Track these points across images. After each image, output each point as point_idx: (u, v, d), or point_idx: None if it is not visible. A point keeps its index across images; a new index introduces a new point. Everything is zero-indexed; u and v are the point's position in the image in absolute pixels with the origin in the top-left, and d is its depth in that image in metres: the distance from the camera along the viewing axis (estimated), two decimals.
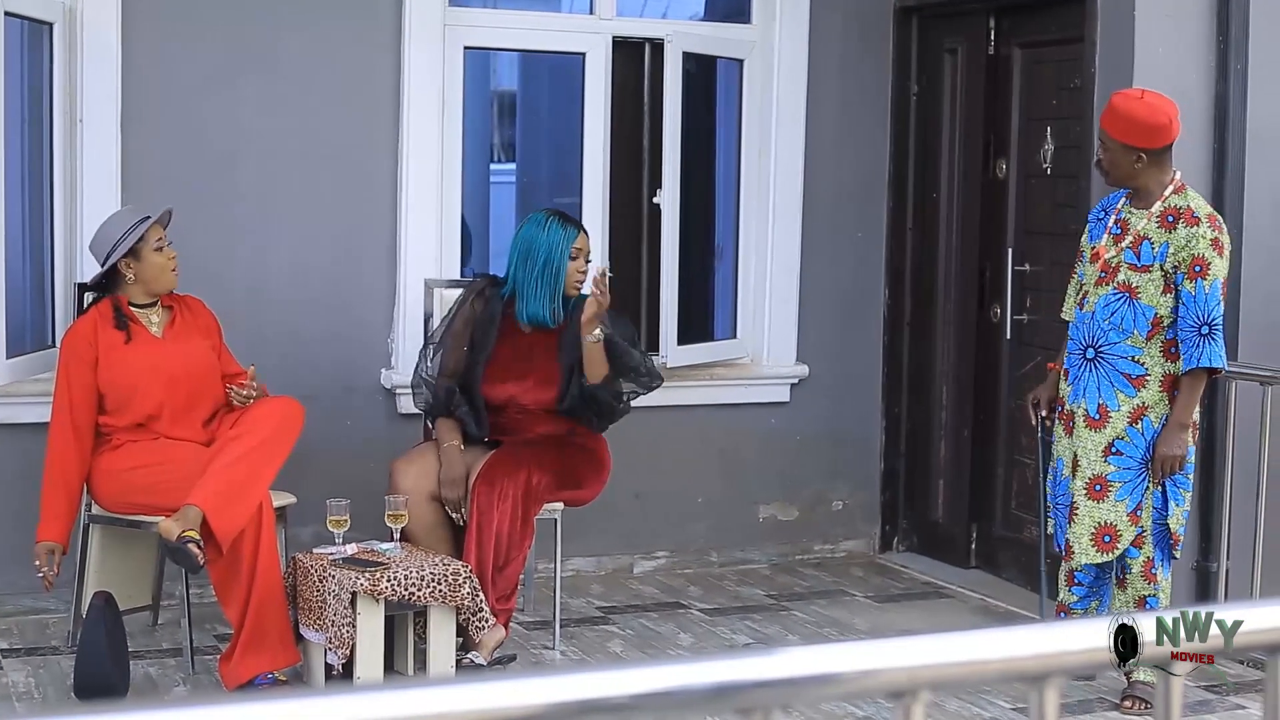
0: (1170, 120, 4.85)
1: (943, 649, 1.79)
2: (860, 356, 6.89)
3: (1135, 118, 4.83)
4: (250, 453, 4.92)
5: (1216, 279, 4.78)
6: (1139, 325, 4.86)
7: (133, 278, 5.15)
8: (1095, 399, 4.92)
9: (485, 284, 5.50)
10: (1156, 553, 4.93)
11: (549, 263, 5.33)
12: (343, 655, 4.83)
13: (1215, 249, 4.79)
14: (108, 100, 5.70)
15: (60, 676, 5.11)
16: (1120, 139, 4.84)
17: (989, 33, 6.51)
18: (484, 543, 5.15)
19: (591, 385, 5.31)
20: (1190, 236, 4.80)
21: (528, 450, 5.33)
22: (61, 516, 5.04)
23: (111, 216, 5.26)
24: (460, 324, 5.43)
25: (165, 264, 5.17)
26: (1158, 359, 4.87)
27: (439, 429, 5.40)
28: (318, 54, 6.02)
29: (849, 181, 6.81)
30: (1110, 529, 4.91)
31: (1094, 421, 4.92)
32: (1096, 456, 4.91)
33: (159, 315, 5.24)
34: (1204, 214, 4.84)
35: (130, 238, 5.11)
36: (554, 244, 5.34)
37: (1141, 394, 4.88)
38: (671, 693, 1.66)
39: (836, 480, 6.91)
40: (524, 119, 9.63)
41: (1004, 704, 4.96)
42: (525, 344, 5.42)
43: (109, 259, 5.11)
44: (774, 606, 6.17)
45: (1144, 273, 4.86)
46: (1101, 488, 4.90)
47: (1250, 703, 4.94)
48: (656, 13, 7.24)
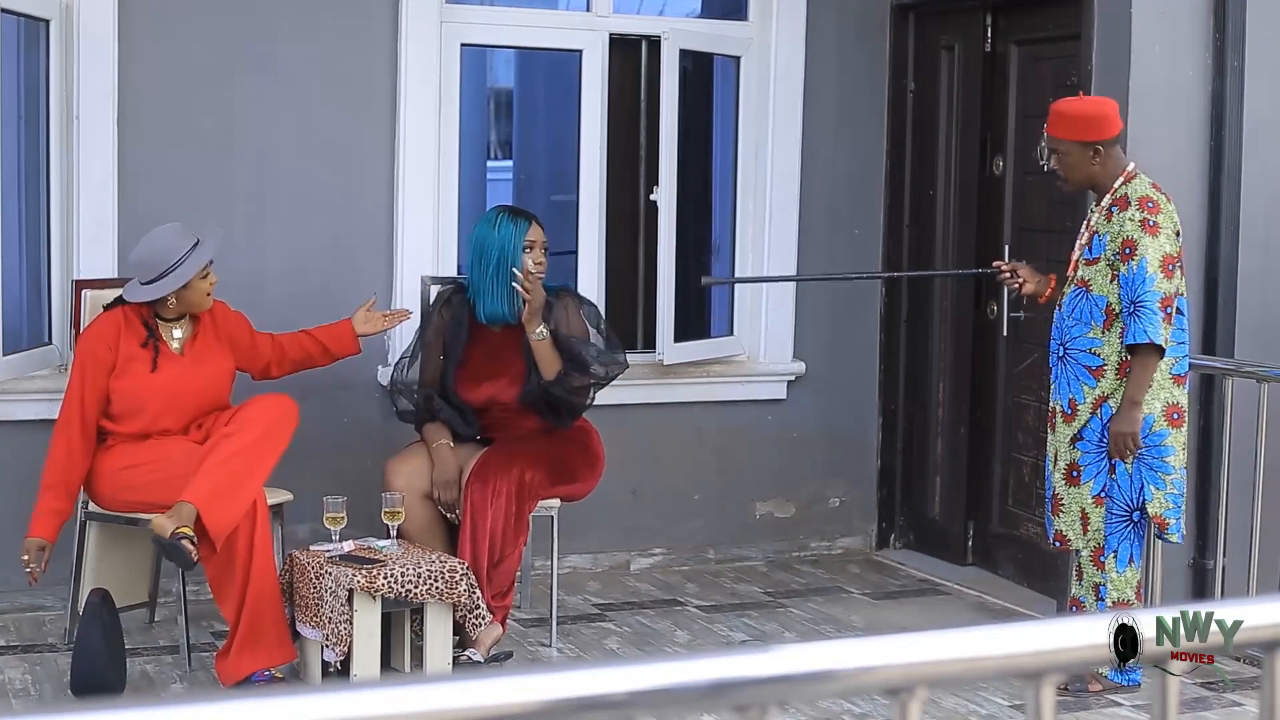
0: (1114, 109, 4.97)
1: (939, 646, 1.79)
2: (857, 353, 6.89)
3: (1084, 113, 4.95)
4: (244, 450, 4.92)
5: (1144, 258, 4.80)
6: (1095, 316, 4.96)
7: (174, 302, 5.08)
8: (1066, 394, 5.04)
9: (450, 291, 5.54)
10: (1109, 541, 4.97)
11: (503, 260, 5.35)
12: (340, 652, 4.84)
13: (1144, 229, 4.82)
14: (104, 97, 5.69)
15: (57, 674, 5.11)
16: (1074, 137, 4.92)
17: (986, 30, 6.51)
18: (478, 540, 5.16)
19: (545, 382, 5.32)
20: (1121, 221, 4.88)
21: (520, 446, 5.34)
22: (56, 514, 5.03)
23: (161, 233, 5.09)
24: (432, 334, 5.48)
25: (207, 289, 5.13)
26: (1115, 347, 4.94)
27: (426, 432, 5.42)
28: (314, 51, 6.01)
29: (845, 179, 6.81)
30: (1084, 514, 5.03)
31: (1066, 416, 5.04)
32: (1066, 447, 5.04)
33: (182, 329, 5.18)
34: (1136, 198, 4.88)
35: (189, 269, 5.00)
36: (505, 240, 5.36)
37: (1101, 384, 4.97)
38: (668, 690, 1.66)
39: (833, 477, 6.91)
40: (520, 116, 9.62)
41: (1001, 700, 4.96)
42: (497, 343, 5.44)
43: (157, 283, 4.99)
44: (771, 604, 6.17)
45: (1093, 265, 4.96)
46: (1076, 474, 5.03)
47: (1247, 700, 4.94)
48: (653, 10, 7.24)
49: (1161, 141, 5.50)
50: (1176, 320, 4.94)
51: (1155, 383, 4.90)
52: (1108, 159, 4.93)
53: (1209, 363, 5.50)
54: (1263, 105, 5.63)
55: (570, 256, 6.50)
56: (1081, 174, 4.97)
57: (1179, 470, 4.97)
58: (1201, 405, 5.61)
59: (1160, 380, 4.91)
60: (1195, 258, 5.50)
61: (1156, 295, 4.79)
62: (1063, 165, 4.98)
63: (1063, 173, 5.00)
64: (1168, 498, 4.95)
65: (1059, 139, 4.96)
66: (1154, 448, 4.92)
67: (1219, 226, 5.57)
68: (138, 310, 5.11)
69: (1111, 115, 4.95)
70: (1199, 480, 5.58)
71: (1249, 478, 5.32)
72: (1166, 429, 4.92)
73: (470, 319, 5.45)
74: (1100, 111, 4.95)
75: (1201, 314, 5.57)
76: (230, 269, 5.88)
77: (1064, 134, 4.94)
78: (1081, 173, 4.96)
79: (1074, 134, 4.92)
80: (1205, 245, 5.58)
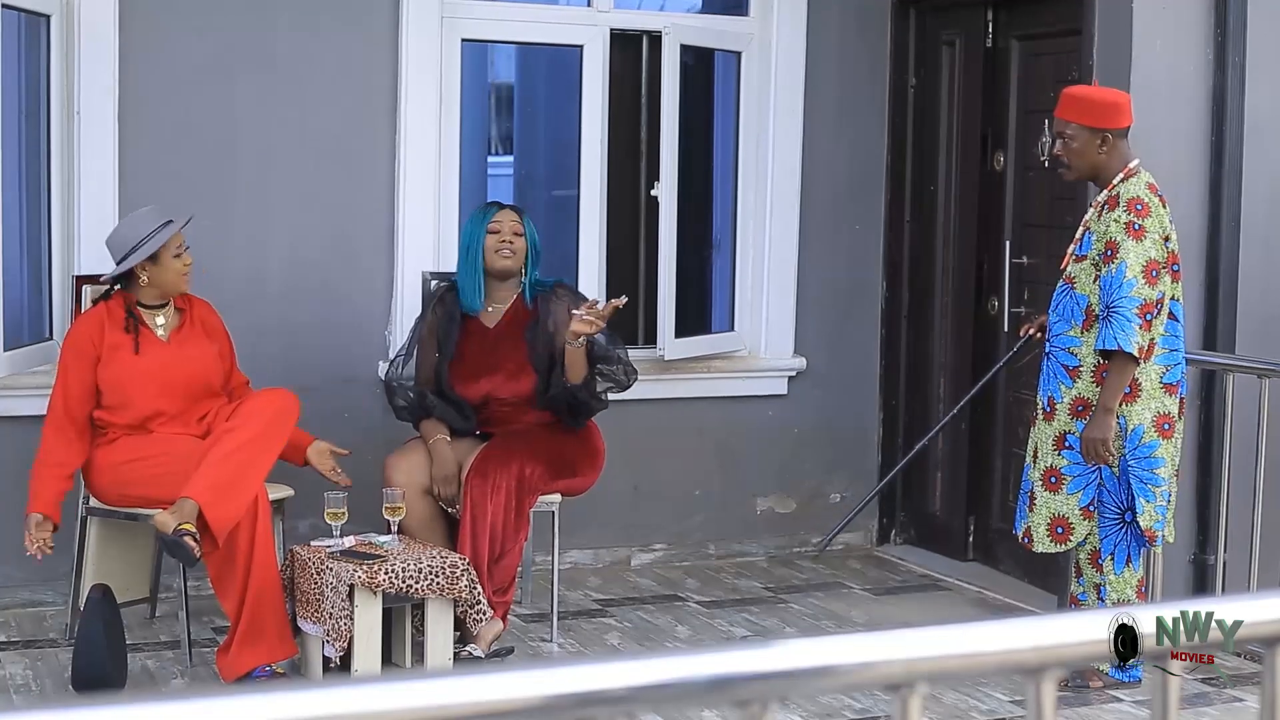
0: (1128, 101, 4.92)
1: (940, 641, 1.79)
2: (858, 349, 6.89)
3: (1097, 98, 4.91)
4: (245, 445, 4.92)
5: (1124, 262, 4.72)
6: (1075, 315, 4.91)
7: (146, 280, 5.13)
8: (1045, 391, 5.01)
9: (444, 289, 5.58)
10: (1105, 543, 4.96)
11: (468, 249, 5.45)
12: (340, 648, 4.84)
13: (1128, 232, 4.75)
14: (105, 93, 5.69)
15: (58, 669, 5.11)
16: (1084, 122, 4.86)
17: (987, 25, 6.51)
18: (479, 535, 5.16)
19: (572, 385, 5.33)
20: (1108, 222, 4.81)
21: (519, 441, 5.35)
22: (51, 494, 5.01)
23: (133, 215, 5.22)
24: (426, 333, 5.51)
25: (181, 269, 5.16)
26: (1092, 348, 4.87)
27: (423, 429, 5.43)
28: (315, 46, 6.01)
29: (846, 174, 6.81)
30: (1063, 521, 4.99)
31: (1046, 413, 5.01)
32: (1049, 448, 4.99)
33: (166, 317, 5.22)
34: (1126, 199, 4.81)
35: (154, 242, 5.07)
36: (472, 231, 5.48)
37: (1078, 385, 4.92)
38: (669, 685, 1.66)
39: (834, 473, 6.91)
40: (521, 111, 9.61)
41: (1001, 696, 4.97)
42: (491, 339, 5.46)
43: (127, 259, 5.08)
44: (771, 599, 6.17)
45: (1080, 262, 4.91)
46: (1056, 480, 4.98)
47: (1248, 695, 4.94)
48: (654, 5, 7.24)
49: (1162, 137, 5.49)
50: (1169, 326, 4.88)
51: (1145, 392, 4.84)
52: (1114, 150, 4.88)
53: (1209, 358, 5.50)
54: (1263, 100, 5.63)
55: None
56: (1086, 161, 4.90)
57: (1168, 481, 4.91)
58: (1202, 401, 5.61)
59: (1150, 390, 4.85)
60: (1195, 253, 5.50)
61: (1134, 301, 4.70)
62: (1068, 151, 4.91)
63: (1067, 159, 4.93)
64: (1157, 509, 4.90)
65: (1068, 122, 4.89)
66: (1144, 459, 4.86)
67: (1220, 222, 5.57)
68: (121, 302, 5.14)
69: (1124, 106, 4.90)
70: (1199, 476, 5.58)
71: (1249, 473, 5.31)
72: (1156, 440, 4.86)
73: (462, 315, 5.46)
74: (1114, 100, 4.91)
75: (1202, 309, 5.56)
76: (231, 265, 5.90)
77: (1074, 117, 4.88)
78: (1086, 160, 4.90)
79: (1084, 118, 4.86)
80: (1206, 241, 5.57)
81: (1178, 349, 4.92)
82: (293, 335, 5.98)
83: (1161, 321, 4.86)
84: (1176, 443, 4.94)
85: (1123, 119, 4.89)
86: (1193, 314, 5.40)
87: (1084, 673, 5.01)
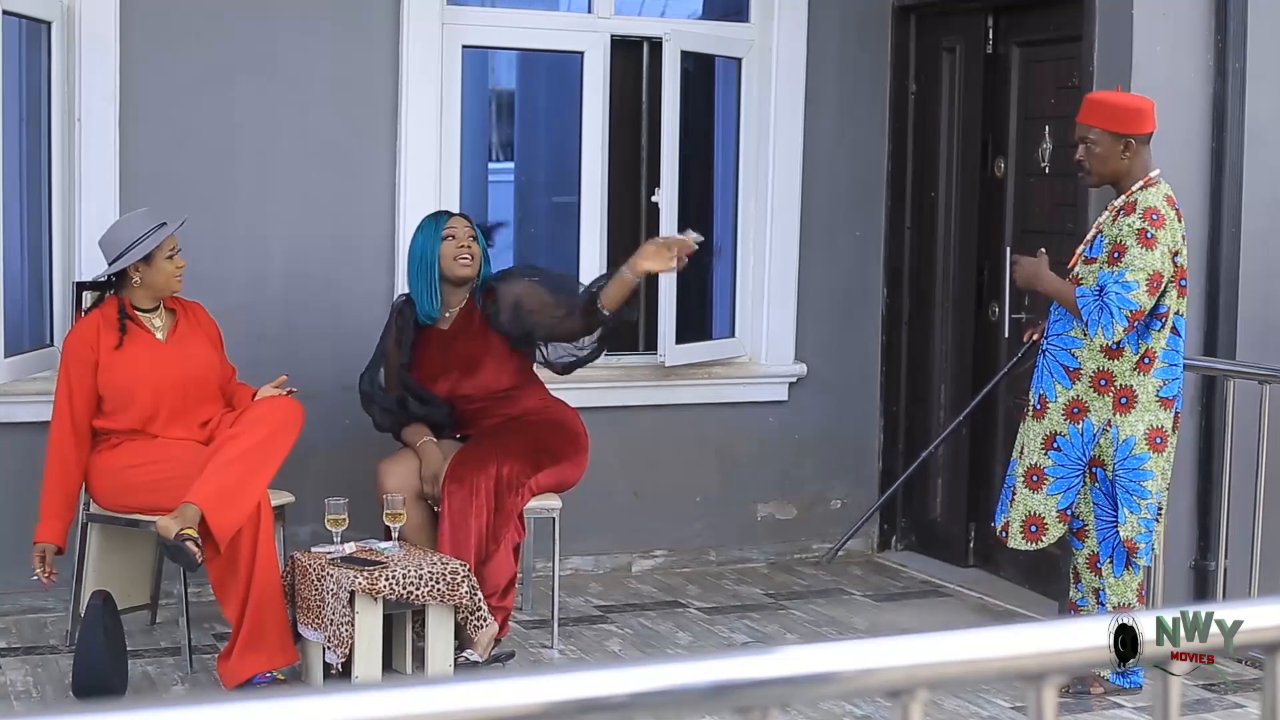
0: (1151, 108, 4.90)
1: (941, 648, 1.79)
2: (858, 355, 6.89)
3: (1121, 103, 4.88)
4: (249, 452, 4.92)
5: (1127, 266, 4.72)
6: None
7: (139, 281, 5.15)
8: (1038, 388, 5.00)
9: (402, 302, 5.60)
10: (1103, 547, 4.96)
11: (423, 258, 5.46)
12: (341, 654, 4.83)
13: (1140, 239, 4.73)
14: (106, 99, 5.70)
15: (59, 675, 5.11)
16: (1108, 127, 4.83)
17: (987, 32, 6.51)
18: (459, 541, 5.15)
19: (607, 312, 5.25)
20: (1121, 226, 4.80)
21: (493, 441, 5.34)
22: (59, 517, 5.07)
23: (127, 217, 5.24)
24: (391, 343, 5.54)
25: (174, 271, 5.17)
26: (1095, 353, 4.86)
27: (406, 434, 5.44)
28: (315, 53, 6.02)
29: (847, 180, 6.81)
30: (1037, 520, 4.98)
31: (1036, 411, 5.00)
32: (1036, 447, 4.98)
33: (162, 319, 5.24)
34: (1143, 207, 4.79)
35: (147, 243, 5.09)
36: (425, 239, 5.48)
37: (1076, 387, 4.90)
38: (670, 691, 1.66)
39: (835, 479, 6.91)
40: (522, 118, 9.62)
41: (1002, 702, 4.96)
42: (446, 340, 5.49)
43: (119, 260, 5.09)
44: (772, 605, 6.17)
45: (1090, 264, 4.90)
46: (1038, 479, 4.97)
47: (1249, 701, 4.94)
48: (654, 11, 7.24)
49: (1163, 143, 5.47)
50: (1171, 340, 4.86)
51: (1141, 404, 4.83)
52: (1136, 156, 4.84)
53: (1210, 364, 5.50)
54: (1264, 107, 5.63)
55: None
56: (1108, 167, 4.86)
57: (1155, 495, 4.89)
58: (1203, 407, 5.61)
59: (1146, 402, 4.83)
60: (1197, 259, 5.50)
61: (1130, 304, 4.70)
62: (1090, 156, 4.88)
63: (1089, 164, 4.89)
64: (1140, 522, 4.87)
65: (1091, 126, 4.85)
66: (1132, 470, 4.84)
67: (1220, 228, 5.57)
68: (115, 305, 5.15)
69: (1148, 112, 4.88)
70: (1200, 482, 5.58)
71: (1250, 479, 5.32)
72: (1147, 453, 4.84)
73: (415, 322, 5.49)
74: (1138, 105, 4.88)
75: (1203, 315, 5.56)
76: (232, 270, 5.90)
77: (1097, 122, 4.85)
78: (1109, 165, 4.86)
79: (1108, 123, 4.83)
80: (1207, 246, 5.58)
81: (1177, 364, 4.90)
82: (293, 341, 5.98)
83: (1164, 335, 4.84)
84: (1168, 457, 4.91)
85: (1146, 125, 4.86)
86: (1193, 320, 5.40)
87: (1085, 679, 5.01)
